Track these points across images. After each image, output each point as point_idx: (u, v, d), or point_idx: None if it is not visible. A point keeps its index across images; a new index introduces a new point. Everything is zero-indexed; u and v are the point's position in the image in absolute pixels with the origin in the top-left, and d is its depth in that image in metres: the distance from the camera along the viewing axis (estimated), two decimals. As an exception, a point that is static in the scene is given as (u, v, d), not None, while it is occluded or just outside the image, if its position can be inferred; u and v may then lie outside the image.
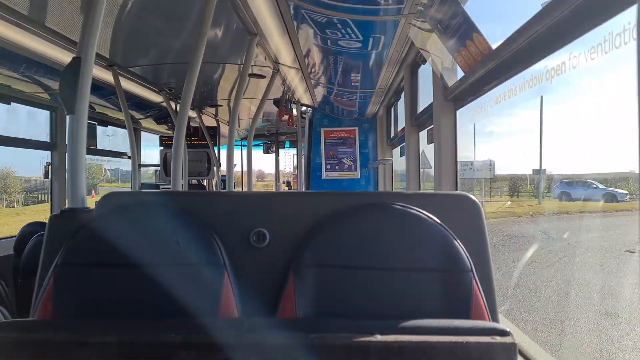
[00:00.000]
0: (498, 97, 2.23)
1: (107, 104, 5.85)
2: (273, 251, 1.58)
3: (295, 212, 1.62)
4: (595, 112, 7.06)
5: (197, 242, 1.51)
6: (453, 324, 1.21)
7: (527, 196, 12.16)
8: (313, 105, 7.32)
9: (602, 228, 8.83)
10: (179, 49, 4.26)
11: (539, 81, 1.83)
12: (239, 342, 1.16)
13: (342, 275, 1.47)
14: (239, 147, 11.25)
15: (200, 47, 2.84)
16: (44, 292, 1.43)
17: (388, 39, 3.51)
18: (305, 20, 3.34)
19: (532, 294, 6.83)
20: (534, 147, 8.13)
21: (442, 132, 2.95)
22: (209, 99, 6.67)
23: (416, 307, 1.42)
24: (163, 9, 3.38)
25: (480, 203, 1.58)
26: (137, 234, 1.50)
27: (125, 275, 1.46)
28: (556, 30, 1.57)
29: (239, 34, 3.74)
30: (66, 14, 3.29)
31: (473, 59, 2.29)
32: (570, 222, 10.50)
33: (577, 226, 9.75)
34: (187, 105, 2.87)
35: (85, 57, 1.79)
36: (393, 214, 1.51)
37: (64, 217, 1.65)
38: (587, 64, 1.49)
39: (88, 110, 1.85)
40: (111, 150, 7.14)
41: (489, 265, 1.54)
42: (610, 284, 6.63)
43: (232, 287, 1.48)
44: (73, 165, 1.79)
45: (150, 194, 1.68)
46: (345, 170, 7.49)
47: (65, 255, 1.46)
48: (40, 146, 5.43)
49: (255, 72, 5.04)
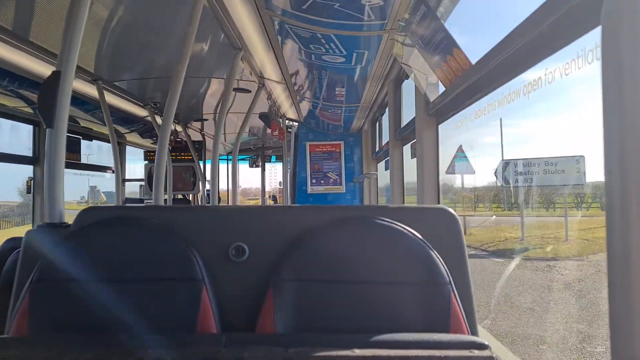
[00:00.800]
0: (478, 111, 2.26)
1: (92, 118, 5.81)
2: (252, 266, 1.57)
3: (275, 226, 1.62)
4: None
5: (176, 257, 1.50)
6: (432, 338, 1.22)
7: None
8: (299, 120, 7.34)
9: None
10: (164, 63, 4.27)
11: (517, 96, 1.86)
12: (217, 358, 1.15)
13: (321, 289, 1.46)
14: (224, 162, 11.22)
15: (184, 62, 2.84)
16: (20, 308, 1.41)
17: (371, 54, 3.54)
18: (289, 35, 3.36)
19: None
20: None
21: (424, 146, 2.97)
22: (195, 113, 6.67)
23: (395, 321, 1.42)
24: (148, 23, 3.38)
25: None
26: (114, 249, 1.49)
27: (102, 291, 1.44)
28: (531, 48, 1.60)
29: (224, 48, 3.76)
30: (49, 28, 3.29)
31: (453, 74, 2.32)
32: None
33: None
34: (170, 119, 2.86)
35: (65, 71, 1.79)
36: (372, 228, 1.52)
37: (41, 233, 1.64)
38: (562, 79, 1.52)
39: (72, 124, 1.85)
40: (95, 165, 7.09)
41: (467, 278, 1.55)
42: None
43: (210, 302, 1.47)
44: (51, 179, 1.77)
45: (129, 209, 1.67)
46: (330, 185, 7.50)
47: (41, 271, 1.44)
48: (22, 160, 5.37)
49: (240, 87, 5.05)
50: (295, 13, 2.89)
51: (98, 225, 1.54)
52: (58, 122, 1.77)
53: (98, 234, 1.51)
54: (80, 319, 1.42)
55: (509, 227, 11.81)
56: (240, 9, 3.04)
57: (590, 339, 5.96)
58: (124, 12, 3.12)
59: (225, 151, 10.64)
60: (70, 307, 1.43)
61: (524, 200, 10.04)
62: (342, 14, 2.79)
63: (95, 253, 1.49)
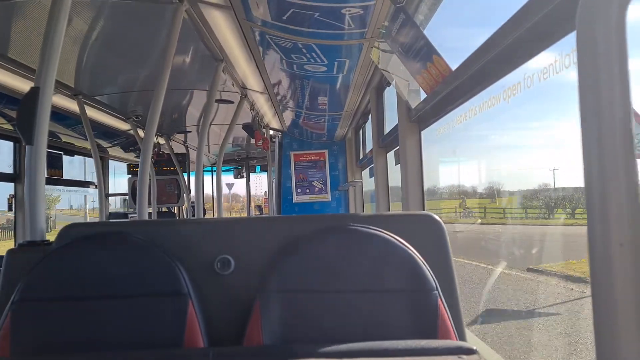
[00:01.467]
0: (459, 117, 2.28)
1: (73, 133, 5.76)
2: (238, 278, 1.57)
3: (260, 237, 1.61)
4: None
5: (161, 272, 1.48)
6: (420, 345, 1.22)
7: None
8: (282, 129, 7.35)
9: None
10: (145, 76, 4.25)
11: (497, 101, 1.88)
12: None
13: (308, 299, 1.46)
14: (209, 173, 11.18)
15: (165, 74, 2.83)
16: (1, 330, 1.39)
17: (353, 62, 3.56)
18: (270, 45, 3.36)
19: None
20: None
21: (407, 153, 2.99)
22: (178, 126, 6.64)
23: (383, 329, 1.42)
24: (128, 37, 3.37)
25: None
26: (97, 266, 1.47)
27: (86, 309, 1.42)
28: (509, 53, 1.62)
29: (205, 60, 3.75)
30: (28, 44, 3.26)
31: (434, 81, 2.34)
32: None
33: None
34: (153, 132, 2.85)
35: (44, 86, 1.77)
36: (358, 236, 1.52)
37: (21, 251, 1.61)
38: (540, 83, 1.54)
39: (54, 139, 1.83)
40: (77, 180, 7.02)
41: (454, 283, 1.55)
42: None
43: (197, 316, 1.46)
44: (32, 196, 1.75)
45: (111, 224, 1.65)
46: (316, 193, 7.50)
47: (23, 290, 1.42)
48: (3, 178, 5.30)
49: (223, 98, 5.05)
50: (275, 24, 2.90)
51: (80, 242, 1.52)
52: (38, 138, 1.75)
53: (81, 251, 1.50)
54: (64, 339, 1.40)
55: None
56: (220, 21, 3.04)
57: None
58: (103, 26, 3.10)
59: (209, 162, 10.60)
60: (53, 327, 1.40)
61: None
62: (322, 24, 2.80)
63: (78, 271, 1.47)
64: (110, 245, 1.51)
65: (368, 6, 2.52)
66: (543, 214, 7.61)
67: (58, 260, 1.48)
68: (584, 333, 5.45)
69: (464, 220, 10.44)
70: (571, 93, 0.98)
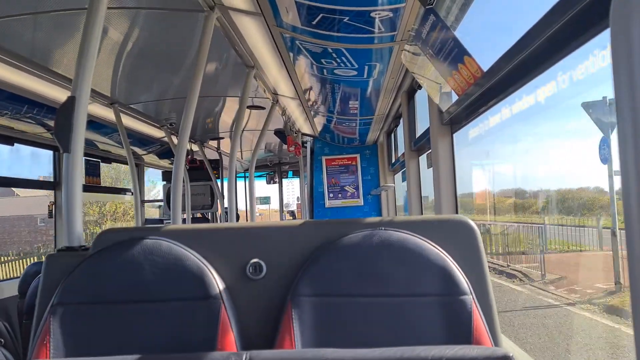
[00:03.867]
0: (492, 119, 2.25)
1: (110, 141, 5.90)
2: (270, 282, 1.57)
3: (291, 242, 1.61)
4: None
5: (194, 276, 1.50)
6: (453, 350, 1.20)
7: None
8: (314, 135, 7.36)
9: None
10: (178, 84, 4.32)
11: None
12: None
13: (340, 304, 1.46)
14: (242, 179, 11.27)
15: (197, 82, 2.88)
16: (41, 332, 1.43)
17: (383, 66, 3.54)
18: (300, 51, 3.38)
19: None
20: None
21: (440, 156, 2.96)
22: (211, 132, 6.73)
23: (416, 334, 1.40)
24: (161, 46, 3.44)
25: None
26: (132, 270, 1.50)
27: (122, 312, 1.45)
28: (541, 52, 1.59)
29: (237, 67, 3.80)
30: (65, 54, 3.35)
31: (466, 82, 2.31)
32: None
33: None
34: (186, 139, 2.89)
35: (79, 96, 1.82)
36: (391, 240, 1.51)
37: (60, 256, 1.65)
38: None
39: (91, 148, 1.88)
40: (114, 187, 7.17)
41: (488, 288, 1.53)
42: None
43: (229, 320, 1.47)
44: (69, 203, 1.80)
45: (146, 230, 1.68)
46: (348, 198, 7.48)
47: (61, 294, 1.46)
48: (43, 186, 5.46)
49: (255, 104, 5.09)
50: (305, 29, 2.91)
51: (116, 248, 1.55)
52: (74, 146, 1.79)
53: (116, 256, 1.53)
54: (100, 342, 1.43)
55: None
56: (251, 27, 3.07)
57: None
58: (137, 35, 3.17)
59: (242, 168, 10.70)
60: (90, 329, 1.44)
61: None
62: (352, 28, 2.80)
63: (114, 275, 1.50)
64: (145, 250, 1.54)
65: (398, 9, 2.51)
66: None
67: (95, 265, 1.52)
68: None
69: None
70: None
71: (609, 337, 6.17)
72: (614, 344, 5.91)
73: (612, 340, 6.02)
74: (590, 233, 8.16)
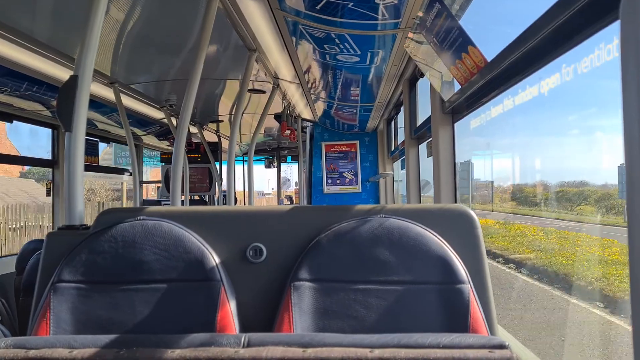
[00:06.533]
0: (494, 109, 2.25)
1: (109, 121, 5.88)
2: (270, 266, 1.58)
3: (292, 226, 1.62)
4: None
5: (194, 258, 1.51)
6: (450, 338, 1.21)
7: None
8: (314, 120, 7.34)
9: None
10: (179, 65, 4.29)
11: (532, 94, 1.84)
12: (236, 358, 1.16)
13: (339, 289, 1.47)
14: (240, 163, 11.26)
15: (199, 64, 2.86)
16: (41, 309, 1.44)
17: (386, 53, 3.53)
18: (303, 35, 3.36)
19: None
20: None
21: (440, 145, 2.96)
22: (211, 115, 6.70)
23: (414, 320, 1.42)
24: (163, 26, 3.41)
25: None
26: (133, 250, 1.51)
27: (122, 291, 1.46)
28: (547, 43, 1.58)
29: (238, 50, 3.77)
30: (68, 33, 3.33)
31: (469, 72, 2.30)
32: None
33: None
34: (186, 121, 2.88)
35: (82, 75, 1.81)
36: (391, 228, 1.52)
37: (61, 235, 1.66)
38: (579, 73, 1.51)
39: (90, 127, 1.87)
40: (112, 167, 7.16)
41: (486, 277, 1.54)
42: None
43: (228, 302, 1.48)
44: (71, 182, 1.80)
45: (147, 210, 1.68)
46: (346, 184, 7.48)
47: (62, 272, 1.47)
48: (42, 163, 5.45)
49: (255, 88, 5.07)
50: (309, 13, 2.89)
51: (117, 227, 1.55)
52: (76, 125, 1.79)
53: (117, 235, 1.53)
54: (100, 320, 1.44)
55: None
56: (254, 11, 3.05)
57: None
58: (139, 15, 3.15)
59: (241, 152, 10.69)
60: (90, 308, 1.45)
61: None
62: (356, 13, 2.78)
63: (114, 254, 1.51)
64: (146, 231, 1.54)
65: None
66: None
67: (95, 244, 1.52)
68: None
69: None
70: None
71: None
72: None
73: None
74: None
